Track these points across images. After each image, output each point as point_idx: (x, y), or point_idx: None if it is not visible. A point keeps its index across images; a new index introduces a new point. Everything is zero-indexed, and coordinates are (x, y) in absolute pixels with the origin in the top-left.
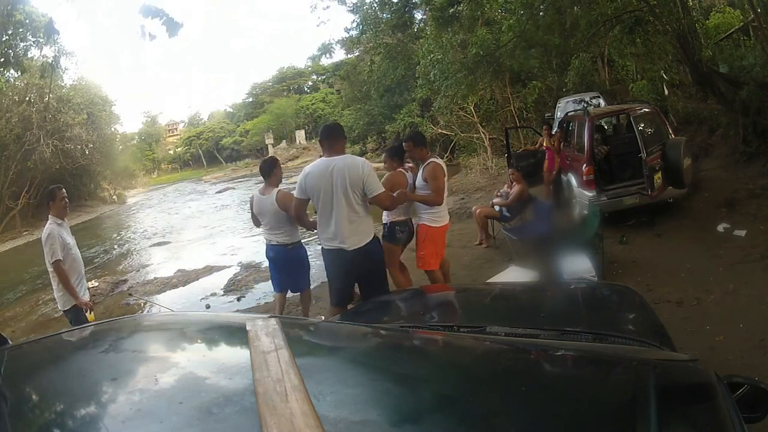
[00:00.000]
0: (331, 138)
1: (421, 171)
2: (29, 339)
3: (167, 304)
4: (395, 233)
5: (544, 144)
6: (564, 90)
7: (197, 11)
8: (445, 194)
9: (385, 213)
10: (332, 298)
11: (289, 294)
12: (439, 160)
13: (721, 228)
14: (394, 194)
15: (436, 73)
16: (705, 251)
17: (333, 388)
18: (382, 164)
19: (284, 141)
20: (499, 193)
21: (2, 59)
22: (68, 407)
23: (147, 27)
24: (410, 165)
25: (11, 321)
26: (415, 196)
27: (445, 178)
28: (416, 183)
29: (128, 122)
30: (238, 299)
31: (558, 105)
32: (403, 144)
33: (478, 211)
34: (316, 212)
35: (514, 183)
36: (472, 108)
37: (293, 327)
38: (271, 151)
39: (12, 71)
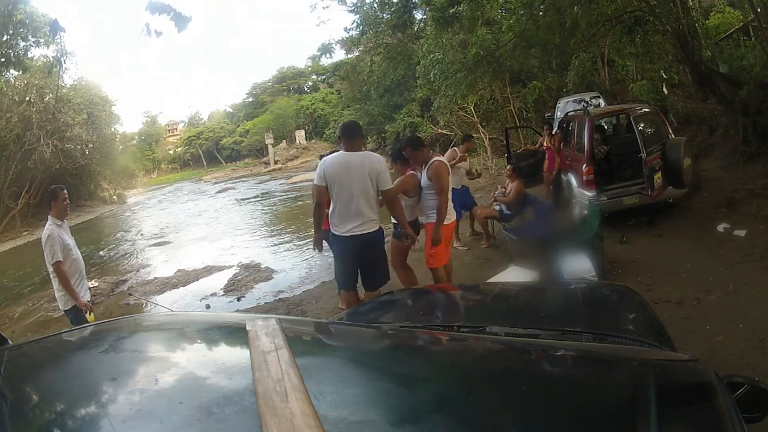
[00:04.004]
0: (351, 135)
1: (425, 171)
2: (29, 339)
3: (167, 304)
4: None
5: (545, 144)
6: (564, 90)
7: (197, 11)
8: (450, 192)
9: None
10: (340, 282)
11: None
12: (442, 158)
13: (721, 228)
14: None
15: (436, 73)
16: (705, 251)
17: (333, 388)
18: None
19: (284, 141)
20: (495, 196)
21: (3, 59)
22: (68, 407)
23: (152, 24)
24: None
25: (11, 321)
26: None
27: (449, 177)
28: (421, 183)
29: (128, 122)
30: (238, 299)
31: (558, 105)
32: (402, 153)
33: (479, 212)
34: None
35: (507, 181)
36: (472, 108)
37: (293, 327)
38: (271, 151)
39: (13, 71)
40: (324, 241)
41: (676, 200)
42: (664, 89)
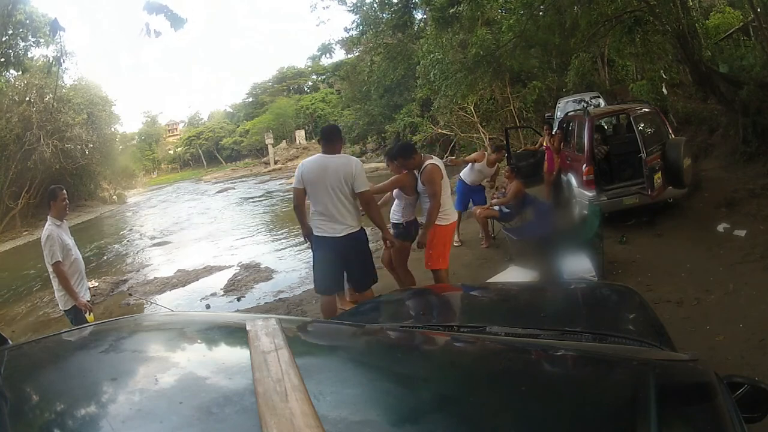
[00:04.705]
0: (330, 138)
1: (419, 176)
2: (29, 339)
3: (167, 304)
4: (410, 231)
5: (545, 144)
6: (564, 90)
7: (198, 11)
8: (448, 191)
9: (398, 213)
10: (317, 285)
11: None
12: (435, 161)
13: (721, 228)
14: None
15: (436, 73)
16: (705, 251)
17: (333, 388)
18: (384, 165)
19: (284, 141)
20: (495, 196)
21: (3, 59)
22: (68, 407)
23: (152, 24)
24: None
25: (11, 321)
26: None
27: (443, 179)
28: (418, 187)
29: (128, 122)
30: (238, 299)
31: (558, 105)
32: (394, 162)
33: (478, 212)
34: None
35: (507, 182)
36: (472, 108)
37: (293, 327)
38: (271, 151)
39: (12, 71)
40: None
41: (676, 200)
42: (664, 89)
